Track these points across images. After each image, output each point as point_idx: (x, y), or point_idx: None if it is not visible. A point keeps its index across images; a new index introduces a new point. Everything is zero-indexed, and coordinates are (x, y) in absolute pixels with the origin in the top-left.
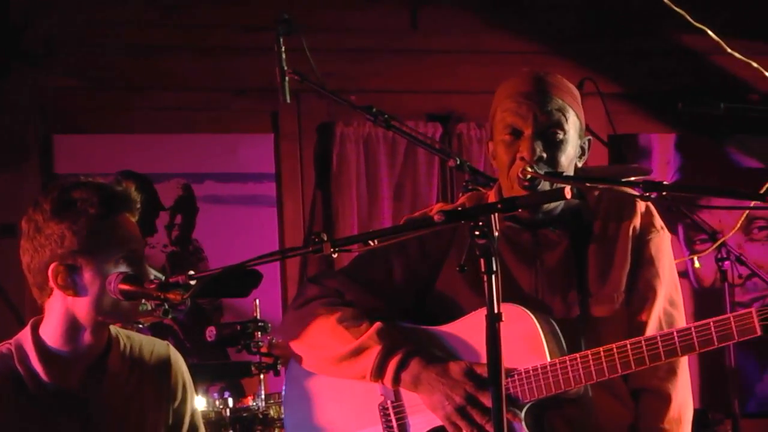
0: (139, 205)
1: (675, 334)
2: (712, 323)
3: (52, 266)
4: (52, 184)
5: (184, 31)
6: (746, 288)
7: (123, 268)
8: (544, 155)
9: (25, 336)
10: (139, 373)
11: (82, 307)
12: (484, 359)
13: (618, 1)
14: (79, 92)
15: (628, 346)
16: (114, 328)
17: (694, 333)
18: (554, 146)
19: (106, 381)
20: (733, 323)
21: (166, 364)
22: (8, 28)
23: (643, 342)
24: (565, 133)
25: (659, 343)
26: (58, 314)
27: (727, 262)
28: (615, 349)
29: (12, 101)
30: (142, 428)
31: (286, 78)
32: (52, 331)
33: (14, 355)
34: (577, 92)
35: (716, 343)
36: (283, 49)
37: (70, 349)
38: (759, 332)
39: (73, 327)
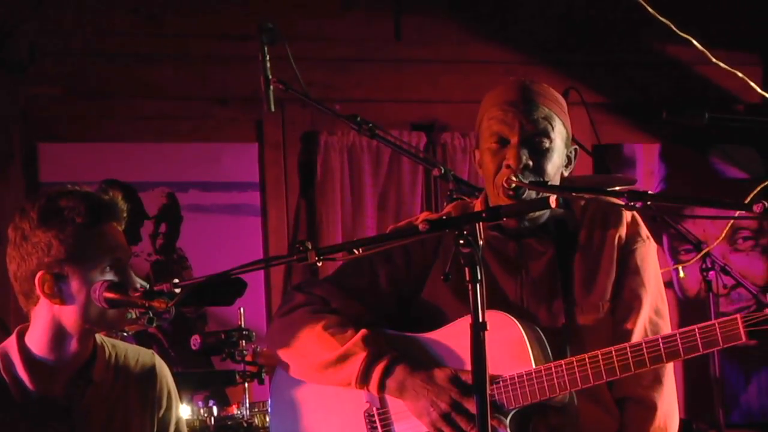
0: (125, 214)
1: (660, 340)
2: (697, 329)
3: (39, 274)
4: (39, 193)
5: (168, 40)
6: (731, 298)
7: (109, 277)
8: (530, 163)
9: (11, 344)
10: (124, 382)
11: (69, 315)
12: (469, 366)
13: (602, 10)
14: (62, 101)
15: (614, 352)
16: (99, 337)
17: (679, 339)
18: (540, 154)
19: (91, 389)
20: (718, 329)
21: (151, 372)
22: None
23: (628, 349)
24: (551, 142)
25: (644, 349)
26: (45, 322)
27: (712, 273)
28: (600, 356)
29: None
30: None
31: (271, 87)
32: (38, 339)
33: (0, 363)
34: (563, 101)
35: (701, 350)
36: (267, 57)
37: (55, 357)
38: (744, 338)
39: (59, 335)
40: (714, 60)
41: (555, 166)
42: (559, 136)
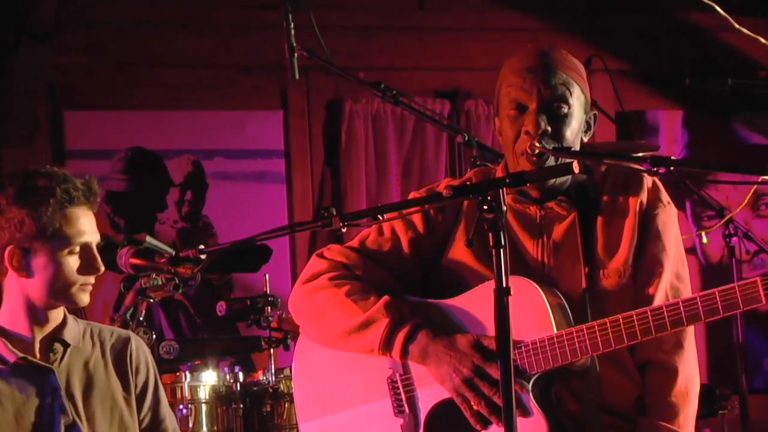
0: (98, 199)
1: (681, 303)
2: (717, 293)
3: (9, 248)
4: (19, 170)
5: (193, 8)
6: (754, 264)
7: (75, 258)
8: (549, 129)
9: None
10: (101, 349)
11: (35, 288)
12: (491, 332)
13: None
14: (88, 69)
15: (635, 316)
16: (80, 321)
17: (699, 302)
18: (559, 120)
19: (68, 352)
20: (738, 292)
21: (126, 341)
22: (17, 6)
23: (649, 312)
24: (569, 107)
25: (665, 313)
26: (14, 294)
27: (735, 238)
28: (621, 320)
29: (22, 78)
30: (111, 395)
31: (295, 54)
32: (9, 309)
33: None
34: (582, 67)
35: (722, 312)
36: (291, 25)
37: (28, 326)
38: (764, 301)
39: (28, 306)
40: (737, 26)
41: (573, 132)
42: (577, 101)
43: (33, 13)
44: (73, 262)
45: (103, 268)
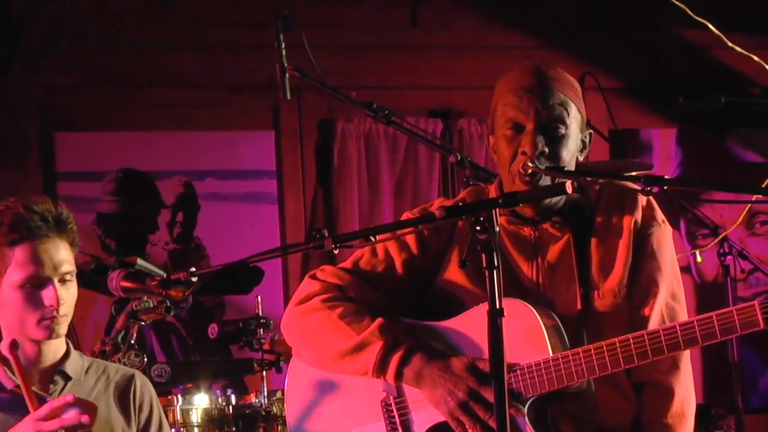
0: (68, 226)
1: (678, 327)
2: (714, 317)
3: None
4: None
5: (184, 27)
6: (749, 283)
7: (29, 294)
8: (546, 150)
9: None
10: (104, 384)
11: (5, 322)
12: (486, 354)
13: None
14: (79, 89)
15: (631, 340)
16: (85, 357)
17: (696, 326)
18: (556, 141)
19: (71, 385)
20: (736, 316)
21: (130, 378)
22: (8, 25)
23: (645, 336)
24: (566, 128)
25: (662, 336)
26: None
27: (729, 257)
28: (618, 344)
29: (13, 98)
30: (110, 429)
31: (287, 74)
32: (4, 340)
33: None
34: (578, 85)
35: (719, 337)
36: (283, 45)
37: (23, 357)
38: (762, 325)
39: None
40: (730, 44)
41: (570, 153)
42: (574, 121)
43: (24, 33)
44: (27, 297)
45: (62, 301)
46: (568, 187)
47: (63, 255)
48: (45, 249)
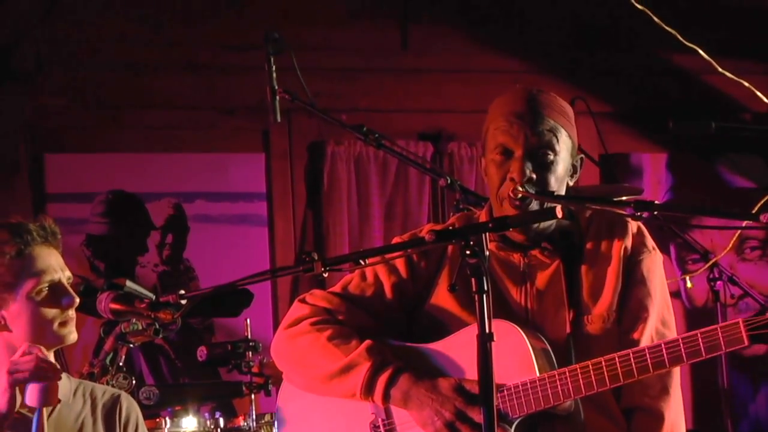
0: (58, 236)
1: (663, 346)
2: (699, 334)
3: None
4: None
5: (174, 50)
6: (739, 308)
7: (45, 297)
8: (534, 176)
9: None
10: (92, 405)
11: (18, 337)
12: (473, 376)
13: (608, 20)
14: (68, 111)
15: (617, 359)
16: (73, 379)
17: (681, 344)
18: (544, 167)
19: (58, 408)
20: (720, 334)
21: (117, 399)
22: None
23: (631, 354)
24: (555, 154)
25: (647, 355)
26: (1, 350)
27: (719, 282)
28: (604, 363)
29: (2, 120)
30: None
31: (277, 97)
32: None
33: None
34: (570, 110)
35: (704, 354)
36: (273, 68)
37: None
38: (746, 342)
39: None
40: (720, 69)
41: (559, 179)
42: (564, 147)
43: (13, 54)
44: (44, 301)
45: (77, 300)
46: (558, 211)
47: (62, 261)
48: (50, 253)
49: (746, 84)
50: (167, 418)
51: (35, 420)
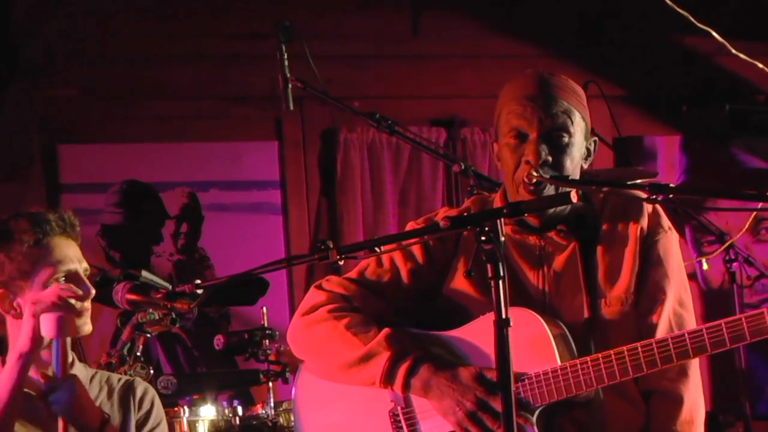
0: (77, 228)
1: (687, 335)
2: (724, 324)
3: None
4: None
5: (186, 40)
6: (755, 289)
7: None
8: (550, 159)
9: None
10: (108, 391)
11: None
12: (493, 363)
13: (620, 3)
14: (81, 103)
15: (639, 348)
16: (89, 368)
17: (706, 334)
18: (560, 150)
19: None
20: (745, 324)
21: (131, 383)
22: (9, 40)
23: (654, 344)
24: (570, 136)
25: (671, 345)
26: (15, 337)
27: (735, 264)
28: (626, 352)
29: (15, 112)
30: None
31: (289, 85)
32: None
33: None
34: (582, 93)
35: (729, 344)
36: (285, 56)
37: (34, 367)
38: None
39: None
40: (734, 51)
41: (574, 161)
42: (578, 129)
43: (25, 47)
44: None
45: (93, 291)
46: (573, 196)
47: (80, 253)
48: (68, 244)
49: (760, 65)
50: (185, 407)
51: (55, 351)
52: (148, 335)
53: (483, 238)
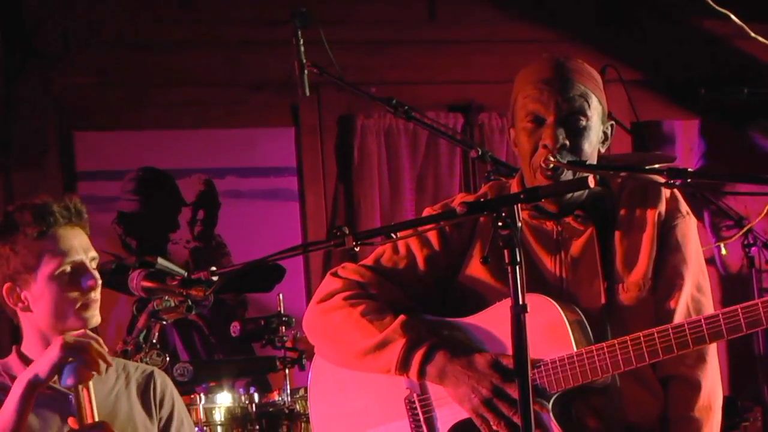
0: (84, 216)
1: (703, 321)
2: (740, 309)
3: (5, 286)
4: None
5: (202, 26)
6: None
7: (67, 278)
8: (567, 143)
9: (11, 356)
10: (125, 380)
11: (41, 319)
12: (509, 350)
13: None
14: (97, 89)
15: (656, 334)
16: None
17: (722, 320)
18: (577, 133)
19: (90, 382)
20: (761, 309)
21: (150, 375)
22: (24, 26)
23: (670, 330)
24: (588, 120)
25: (687, 330)
26: (28, 330)
27: (754, 248)
28: (642, 338)
29: (30, 99)
30: (132, 425)
31: (305, 71)
32: (30, 346)
33: (5, 374)
34: (599, 77)
35: (745, 330)
36: (301, 42)
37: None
38: None
39: (42, 339)
40: (752, 34)
41: (592, 145)
42: (595, 113)
43: (40, 33)
44: (65, 282)
45: (99, 280)
46: (591, 181)
47: (88, 241)
48: (74, 234)
49: None
50: (202, 394)
51: (73, 400)
52: (164, 322)
53: (500, 223)
